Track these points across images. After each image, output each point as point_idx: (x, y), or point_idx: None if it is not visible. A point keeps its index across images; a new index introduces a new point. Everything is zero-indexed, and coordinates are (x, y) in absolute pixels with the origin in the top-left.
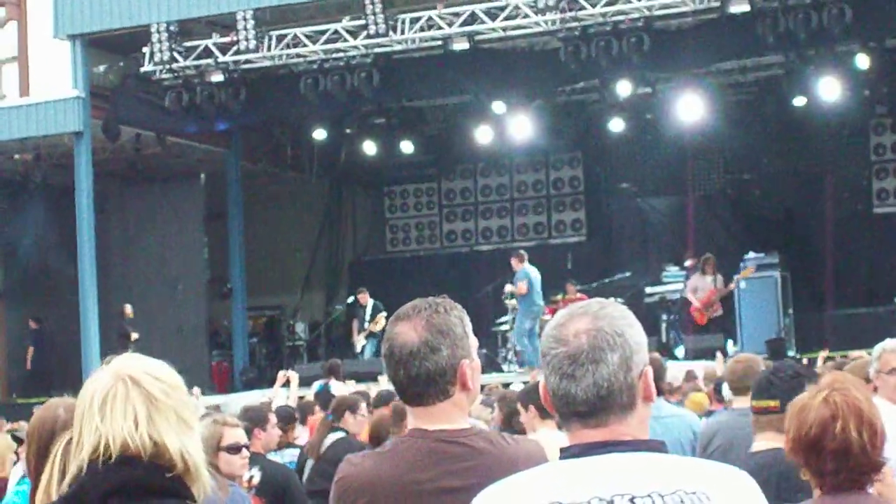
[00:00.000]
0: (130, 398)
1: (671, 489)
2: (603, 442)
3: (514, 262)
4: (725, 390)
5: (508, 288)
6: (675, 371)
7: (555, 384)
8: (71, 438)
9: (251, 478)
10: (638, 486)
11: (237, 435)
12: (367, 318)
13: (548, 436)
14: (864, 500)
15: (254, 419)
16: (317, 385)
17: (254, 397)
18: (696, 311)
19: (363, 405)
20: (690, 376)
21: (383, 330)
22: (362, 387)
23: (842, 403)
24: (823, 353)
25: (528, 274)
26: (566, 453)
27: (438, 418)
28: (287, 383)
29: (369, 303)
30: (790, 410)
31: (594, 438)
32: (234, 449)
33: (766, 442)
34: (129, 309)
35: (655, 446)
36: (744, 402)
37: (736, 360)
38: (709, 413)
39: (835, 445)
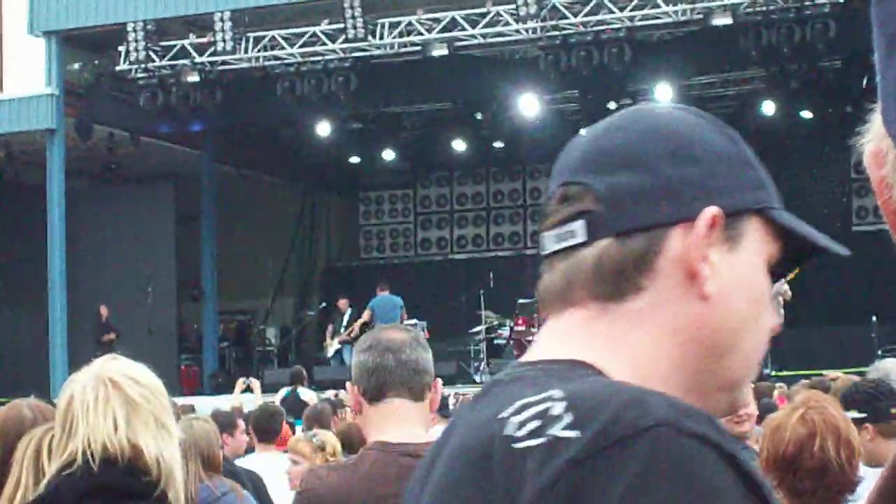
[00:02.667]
0: (111, 401)
1: None
2: None
3: (377, 291)
4: None
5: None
6: None
7: None
8: (41, 438)
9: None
10: None
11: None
12: (344, 325)
13: None
14: None
15: (222, 424)
16: (283, 392)
17: (223, 402)
18: None
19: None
20: None
21: (356, 339)
22: (329, 394)
23: (819, 421)
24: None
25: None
26: None
27: (403, 424)
28: (247, 390)
29: (348, 311)
30: (764, 429)
31: None
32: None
33: None
34: (104, 310)
35: None
36: None
37: (864, 380)
38: None
39: (812, 464)
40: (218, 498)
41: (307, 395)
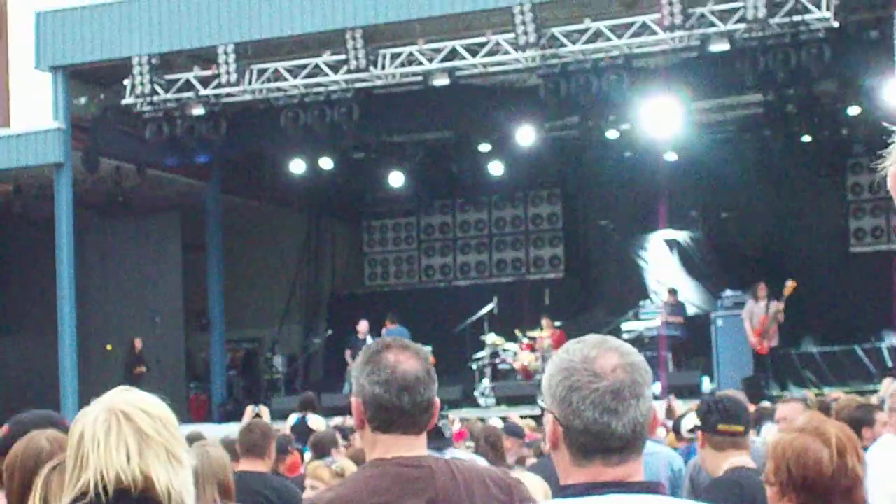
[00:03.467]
0: (123, 433)
1: None
2: (609, 482)
3: (386, 322)
4: (684, 427)
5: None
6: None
7: (592, 418)
8: (54, 468)
9: None
10: None
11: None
12: None
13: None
14: None
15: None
16: (293, 418)
17: (232, 429)
18: (756, 341)
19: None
20: (671, 413)
21: None
22: (338, 420)
23: (844, 439)
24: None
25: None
26: (570, 490)
27: (404, 449)
28: (257, 417)
29: (367, 337)
30: (776, 450)
31: (606, 477)
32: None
33: (736, 459)
34: (139, 343)
35: (656, 488)
36: None
37: (720, 395)
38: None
39: (846, 483)
40: None
41: (316, 422)
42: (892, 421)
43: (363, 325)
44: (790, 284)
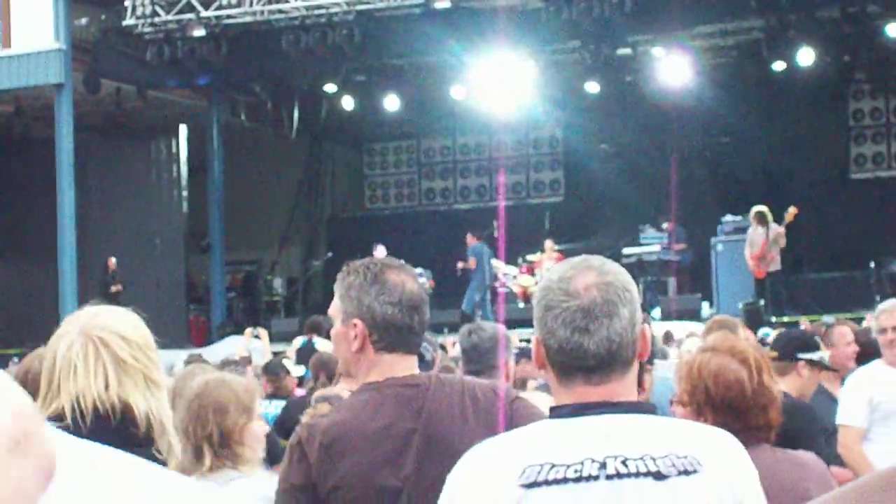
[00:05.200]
0: (100, 360)
1: (663, 452)
2: (597, 403)
3: (468, 238)
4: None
5: (460, 264)
6: (654, 332)
7: (564, 337)
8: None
9: None
10: (630, 448)
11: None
12: None
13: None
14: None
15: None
16: (299, 341)
17: (231, 346)
18: (753, 265)
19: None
20: (668, 337)
21: None
22: None
23: (757, 358)
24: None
25: (476, 250)
26: (558, 412)
27: (402, 370)
28: (256, 338)
29: None
30: (692, 371)
31: (591, 398)
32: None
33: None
34: (112, 262)
35: (647, 409)
36: None
37: (714, 319)
38: None
39: (763, 401)
40: None
41: (323, 345)
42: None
43: (381, 250)
44: (792, 210)
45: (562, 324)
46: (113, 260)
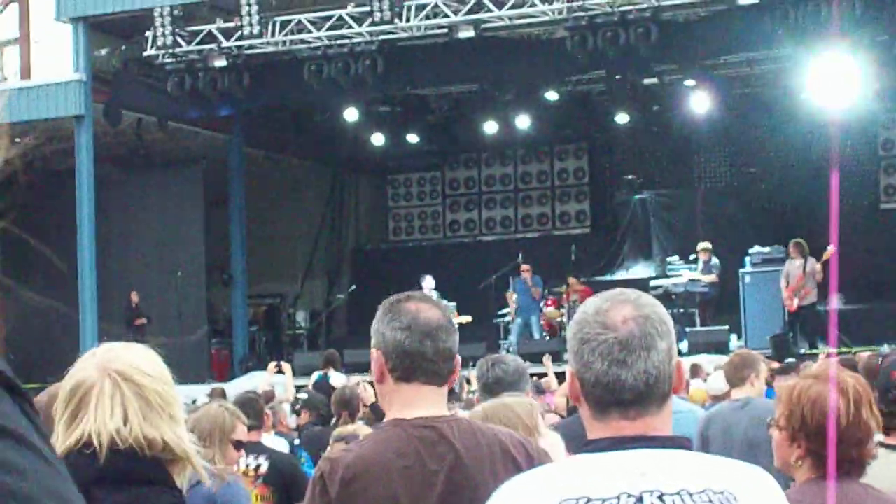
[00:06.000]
0: (118, 396)
1: (700, 488)
2: (633, 437)
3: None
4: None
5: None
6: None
7: (601, 370)
8: None
9: (258, 466)
10: (667, 483)
11: (243, 432)
12: None
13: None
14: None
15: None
16: (315, 375)
17: (254, 380)
18: (787, 297)
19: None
20: (696, 370)
21: None
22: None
23: (860, 389)
24: (824, 353)
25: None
26: (593, 446)
27: (425, 403)
28: (279, 372)
29: (433, 293)
30: (791, 396)
31: (627, 431)
32: (239, 444)
33: None
34: (135, 296)
35: (683, 443)
36: (739, 393)
37: (735, 353)
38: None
39: (861, 434)
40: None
41: (337, 379)
42: None
43: (429, 281)
44: (830, 249)
45: (599, 356)
46: (135, 294)
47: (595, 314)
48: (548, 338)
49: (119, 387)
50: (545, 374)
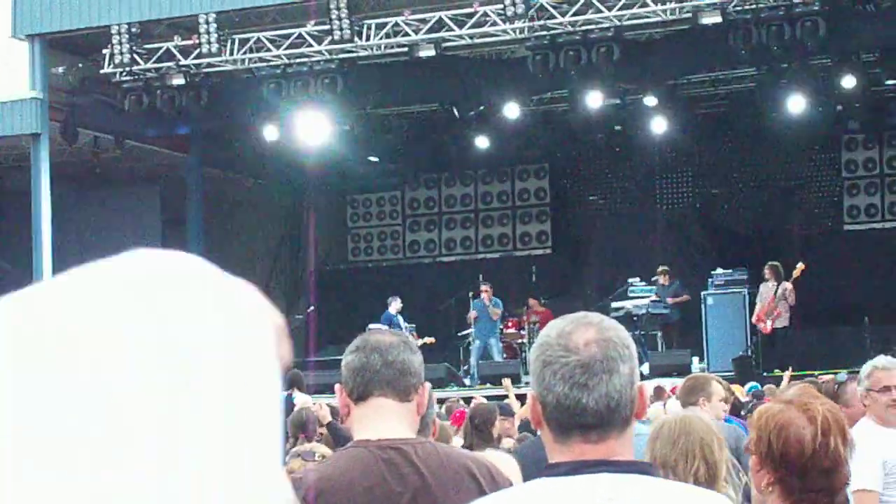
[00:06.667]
0: None
1: None
2: (595, 461)
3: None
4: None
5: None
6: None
7: (562, 393)
8: None
9: None
10: None
11: None
12: (404, 327)
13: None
14: None
15: None
16: None
17: None
18: (759, 320)
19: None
20: (660, 393)
21: None
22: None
23: (830, 418)
24: (788, 374)
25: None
26: (554, 470)
27: (387, 422)
28: None
29: (398, 317)
30: (760, 421)
31: (589, 455)
32: None
33: None
34: None
35: (645, 468)
36: None
37: (689, 377)
38: None
39: (827, 465)
40: None
41: (301, 399)
42: (867, 402)
43: (396, 303)
44: (800, 266)
45: (560, 379)
46: None
47: (558, 337)
48: (507, 360)
49: None
50: (506, 397)
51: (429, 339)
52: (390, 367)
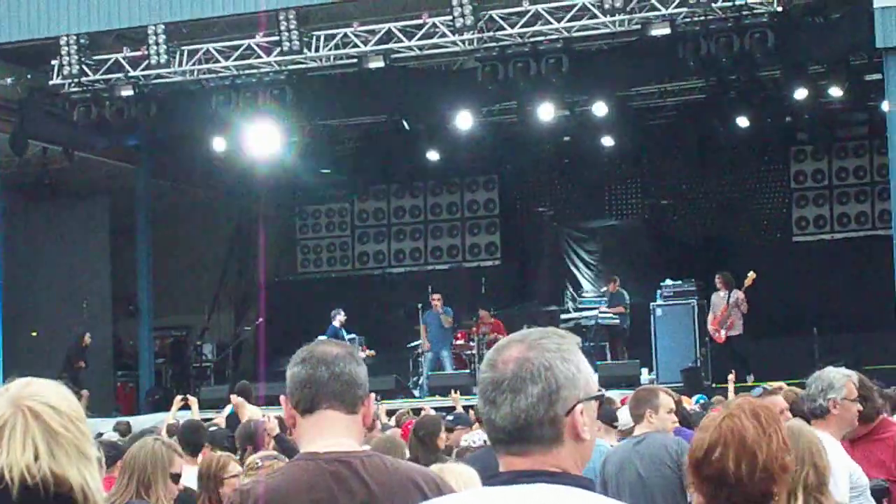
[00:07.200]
0: (30, 431)
1: None
2: (532, 471)
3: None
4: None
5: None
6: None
7: (480, 408)
8: None
9: None
10: None
11: (181, 464)
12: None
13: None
14: None
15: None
16: (228, 409)
17: (162, 419)
18: (714, 330)
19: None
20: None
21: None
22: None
23: (727, 430)
24: (731, 377)
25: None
26: (496, 479)
27: (334, 434)
28: (185, 407)
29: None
30: (699, 429)
31: (519, 466)
32: (177, 477)
33: None
34: (88, 338)
35: (585, 483)
36: (640, 430)
37: (638, 389)
38: None
39: (709, 472)
40: None
41: (250, 411)
42: (836, 411)
43: (341, 315)
44: (751, 276)
45: (480, 394)
46: (88, 336)
47: (493, 352)
48: (456, 370)
49: (31, 422)
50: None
51: (369, 352)
52: (337, 380)
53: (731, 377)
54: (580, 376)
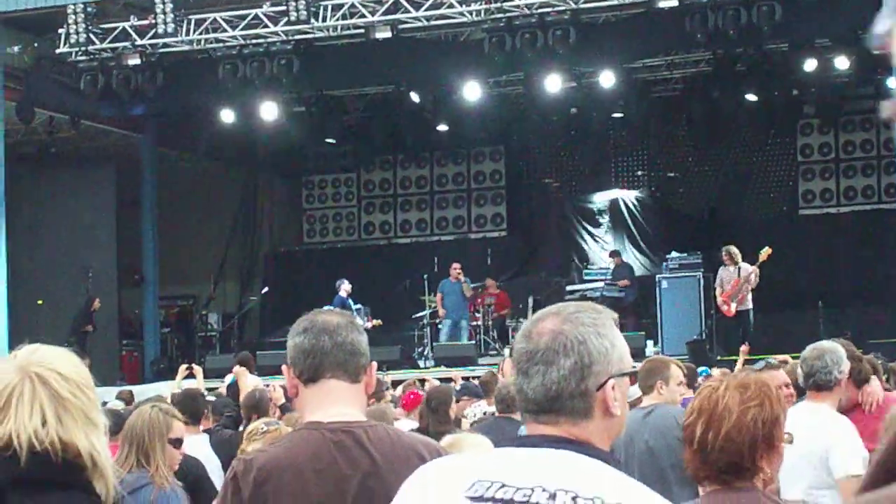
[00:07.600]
0: (38, 398)
1: (615, 500)
2: (558, 437)
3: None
4: None
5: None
6: None
7: (513, 378)
8: None
9: None
10: (584, 486)
11: (181, 429)
12: (355, 310)
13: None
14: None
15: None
16: (229, 378)
17: (165, 388)
18: (723, 303)
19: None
20: None
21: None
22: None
23: (706, 398)
24: (744, 349)
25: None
26: (521, 441)
27: (338, 404)
28: (190, 376)
29: (348, 300)
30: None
31: (550, 432)
32: (178, 442)
33: None
34: (97, 303)
35: (609, 458)
36: (648, 401)
37: (647, 360)
38: None
39: (685, 435)
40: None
41: (251, 381)
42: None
43: (346, 285)
44: (766, 251)
45: (515, 364)
46: (98, 301)
47: (530, 323)
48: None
49: (38, 389)
50: (467, 379)
51: (376, 321)
52: (340, 349)
53: (743, 348)
54: (614, 352)
